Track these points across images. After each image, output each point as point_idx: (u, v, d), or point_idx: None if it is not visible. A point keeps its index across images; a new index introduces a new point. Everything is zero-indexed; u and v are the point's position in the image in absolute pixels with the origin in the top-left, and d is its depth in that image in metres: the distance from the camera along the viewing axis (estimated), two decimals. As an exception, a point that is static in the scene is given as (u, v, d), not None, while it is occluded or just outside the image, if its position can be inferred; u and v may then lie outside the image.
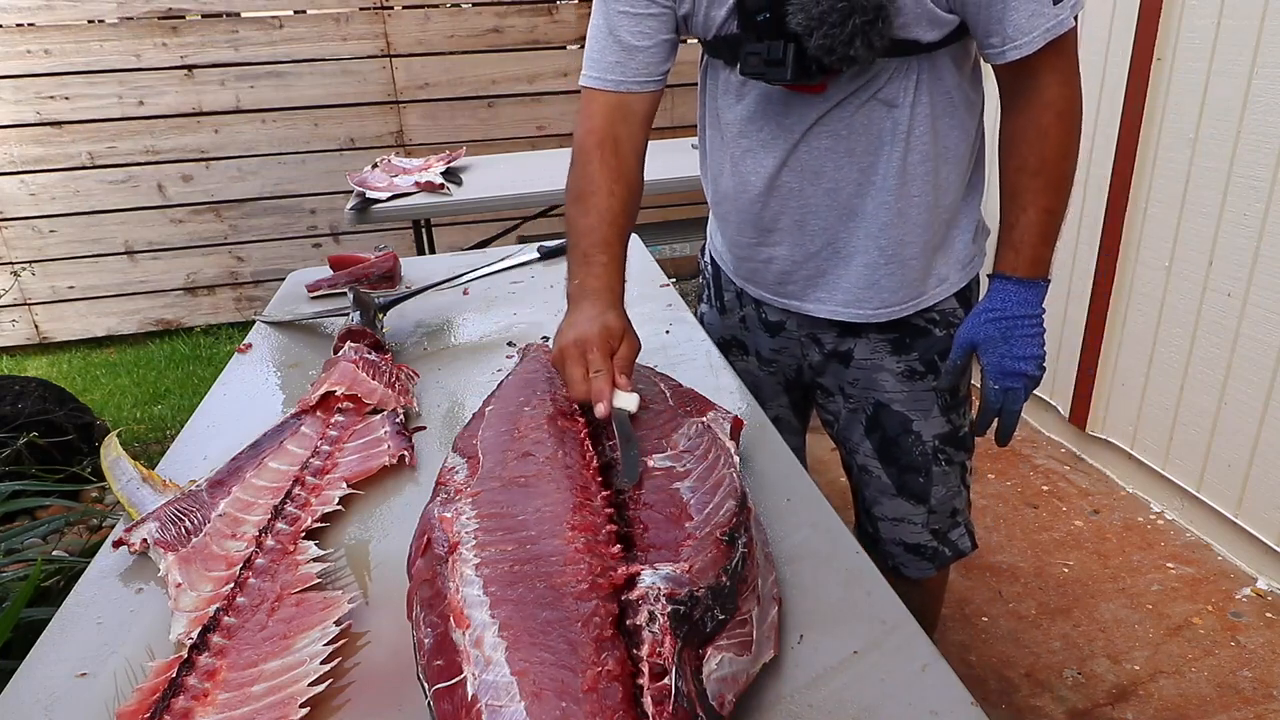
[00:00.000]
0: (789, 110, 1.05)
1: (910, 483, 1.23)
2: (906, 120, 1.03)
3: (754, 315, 1.29)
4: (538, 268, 1.65)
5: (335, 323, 1.37)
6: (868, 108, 1.02)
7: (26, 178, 3.62)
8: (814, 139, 1.06)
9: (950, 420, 1.21)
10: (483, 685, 0.54)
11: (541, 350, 1.13)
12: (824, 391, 1.27)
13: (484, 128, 3.95)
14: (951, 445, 1.22)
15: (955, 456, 1.23)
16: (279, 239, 3.93)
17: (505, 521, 0.70)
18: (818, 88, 1.01)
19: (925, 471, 1.22)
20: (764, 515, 0.85)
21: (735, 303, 1.31)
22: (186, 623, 0.69)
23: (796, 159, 1.08)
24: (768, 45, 0.96)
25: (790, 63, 0.94)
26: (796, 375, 1.30)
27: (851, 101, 1.02)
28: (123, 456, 0.96)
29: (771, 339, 1.28)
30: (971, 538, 1.31)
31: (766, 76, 0.98)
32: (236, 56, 3.64)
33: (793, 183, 1.10)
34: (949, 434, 1.22)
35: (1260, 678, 1.73)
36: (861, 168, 1.06)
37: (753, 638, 0.62)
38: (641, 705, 0.52)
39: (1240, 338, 1.96)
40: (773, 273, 1.20)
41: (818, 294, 1.18)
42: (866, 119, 1.03)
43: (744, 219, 1.17)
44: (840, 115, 1.03)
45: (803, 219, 1.12)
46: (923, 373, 1.18)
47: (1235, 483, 2.03)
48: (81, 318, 3.87)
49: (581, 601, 0.59)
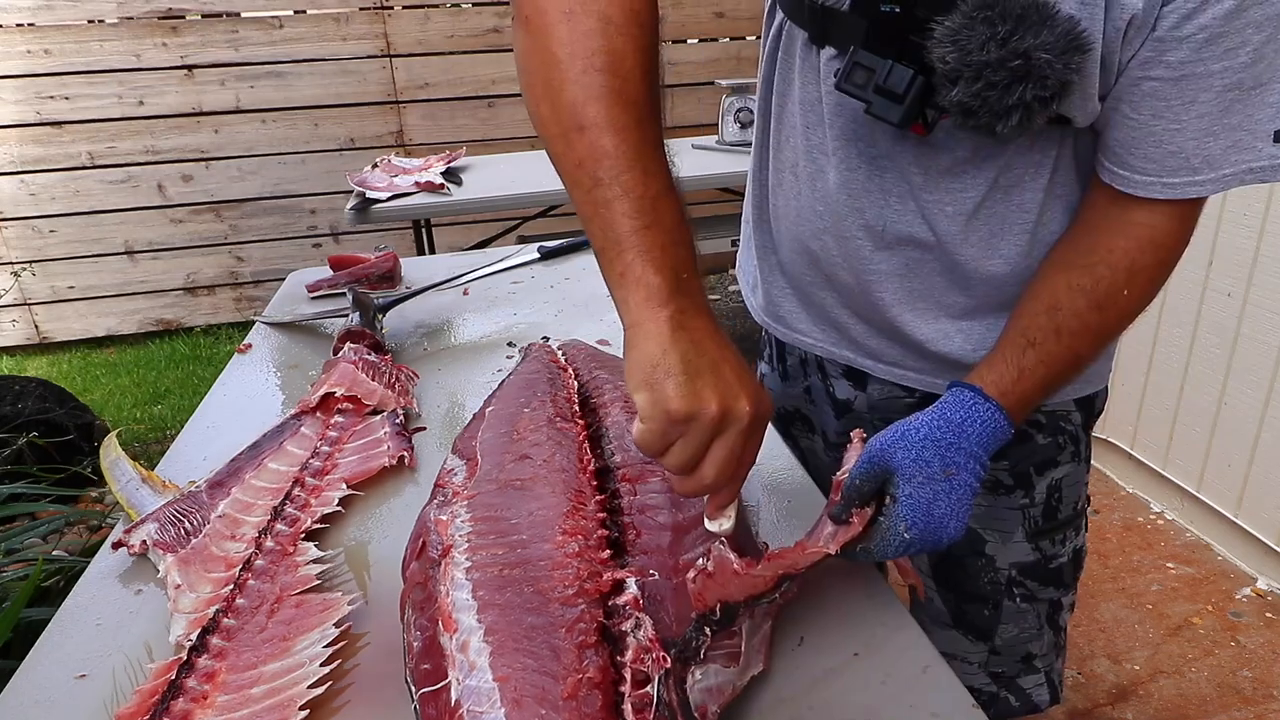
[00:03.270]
0: (875, 139, 0.78)
1: (972, 615, 0.97)
2: (1034, 206, 0.77)
3: (820, 387, 1.01)
4: (538, 268, 1.65)
5: (335, 323, 1.37)
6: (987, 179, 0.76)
7: (26, 178, 3.62)
8: (897, 190, 0.79)
9: (1039, 548, 0.94)
10: (465, 690, 0.54)
11: (543, 350, 1.13)
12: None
13: (484, 128, 3.95)
14: (1035, 578, 0.95)
15: (1039, 592, 0.96)
16: (279, 239, 3.93)
17: (499, 525, 0.70)
18: (919, 129, 0.73)
19: (993, 604, 0.96)
20: (764, 517, 0.85)
21: (799, 369, 1.04)
22: (186, 624, 0.69)
23: (865, 209, 0.82)
24: (891, 67, 0.67)
25: (909, 103, 0.68)
26: None
27: (961, 160, 0.76)
28: (122, 457, 0.96)
29: (838, 420, 1.01)
30: (1053, 690, 1.02)
31: (869, 107, 0.70)
32: (236, 56, 3.64)
33: (864, 242, 0.83)
34: (1034, 565, 0.94)
35: (1260, 678, 1.73)
36: (950, 254, 0.81)
37: (741, 650, 0.62)
38: (622, 713, 0.52)
39: (1240, 338, 1.96)
40: (825, 318, 0.94)
41: (890, 351, 0.91)
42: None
43: (799, 249, 0.90)
44: (940, 171, 0.77)
45: (869, 285, 0.86)
46: (1010, 487, 0.91)
47: (1235, 483, 2.03)
48: (81, 318, 3.86)
49: (567, 607, 0.59)
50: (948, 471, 0.67)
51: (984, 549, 0.94)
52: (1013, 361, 0.72)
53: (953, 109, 0.66)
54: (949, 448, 0.67)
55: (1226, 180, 0.67)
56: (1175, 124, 0.66)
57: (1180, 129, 0.66)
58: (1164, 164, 0.68)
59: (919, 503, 0.65)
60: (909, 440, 0.68)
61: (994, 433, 0.69)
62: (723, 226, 2.91)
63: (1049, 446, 0.90)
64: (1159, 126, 0.66)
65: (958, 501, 0.67)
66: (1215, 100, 0.64)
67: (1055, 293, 0.74)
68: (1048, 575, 0.95)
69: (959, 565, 0.96)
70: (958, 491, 0.67)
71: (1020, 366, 0.72)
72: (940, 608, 0.98)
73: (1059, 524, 0.94)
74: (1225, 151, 0.66)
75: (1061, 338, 0.73)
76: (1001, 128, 0.65)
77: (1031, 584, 0.95)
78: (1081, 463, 0.94)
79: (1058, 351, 0.73)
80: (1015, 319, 0.75)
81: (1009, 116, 0.64)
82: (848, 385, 0.97)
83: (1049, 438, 0.90)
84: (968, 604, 0.97)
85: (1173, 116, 0.65)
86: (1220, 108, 0.64)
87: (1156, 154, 0.67)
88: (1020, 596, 0.95)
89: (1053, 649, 1.00)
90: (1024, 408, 0.72)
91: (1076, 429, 0.92)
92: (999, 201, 0.77)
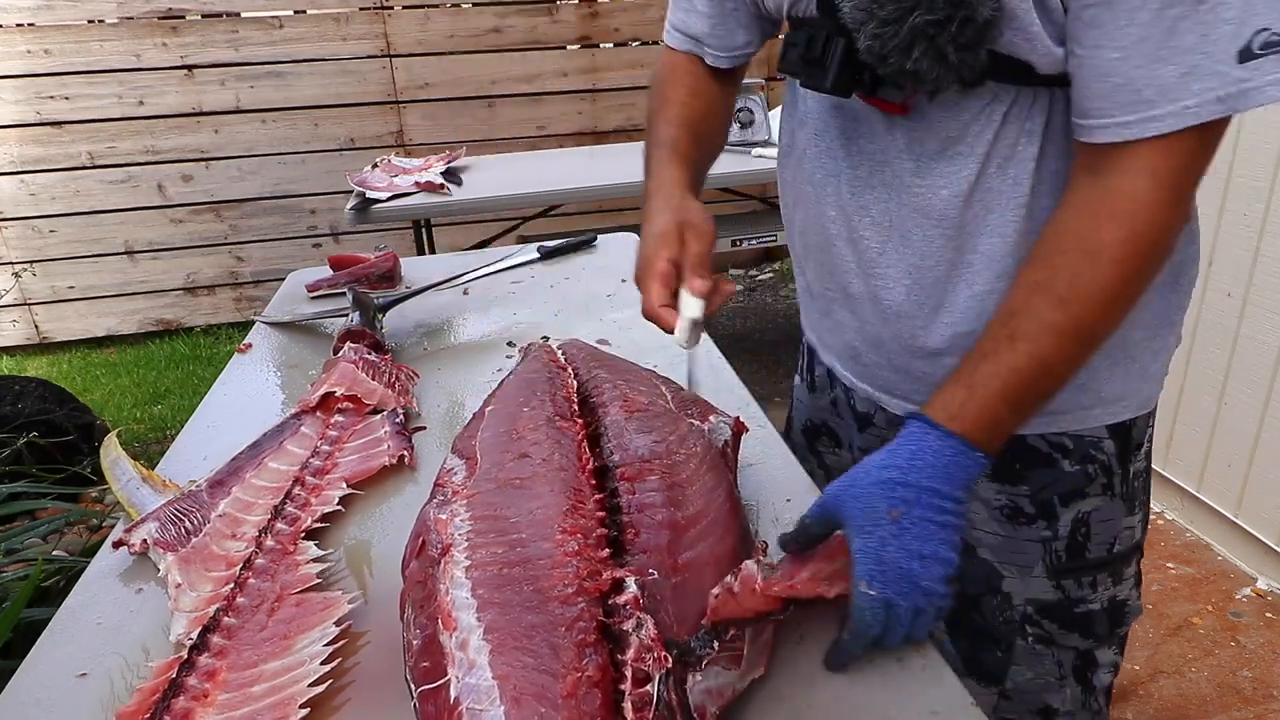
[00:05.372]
0: (873, 134, 0.79)
1: (984, 659, 0.89)
2: (1027, 179, 0.72)
3: (844, 399, 0.98)
4: (538, 268, 1.65)
5: (335, 323, 1.37)
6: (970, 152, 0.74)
7: (26, 178, 3.62)
8: (896, 181, 0.78)
9: (1061, 587, 0.85)
10: (465, 688, 0.54)
11: (542, 350, 1.13)
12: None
13: (484, 128, 3.95)
14: (1055, 620, 0.86)
15: (1061, 637, 0.87)
16: (279, 239, 3.93)
17: (498, 524, 0.70)
18: (895, 107, 0.74)
19: (1006, 645, 0.88)
20: (764, 517, 0.85)
21: (826, 380, 1.01)
22: (186, 623, 0.69)
23: (870, 206, 0.81)
24: (809, 36, 0.72)
25: (834, 65, 0.69)
26: None
27: (950, 140, 0.74)
28: (123, 457, 0.96)
29: (860, 433, 0.97)
30: None
31: (805, 79, 0.76)
32: (236, 56, 3.64)
33: (871, 239, 0.82)
34: (1054, 605, 0.86)
35: (1260, 678, 1.73)
36: (953, 240, 0.77)
37: (743, 653, 0.62)
38: (621, 711, 0.52)
39: (1240, 338, 1.96)
40: (842, 343, 0.92)
41: (899, 384, 0.88)
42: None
43: (819, 261, 0.90)
44: (930, 155, 0.75)
45: (877, 290, 0.84)
46: (1032, 515, 0.84)
47: (1235, 483, 2.03)
48: (81, 318, 3.86)
49: (566, 605, 0.59)
50: (893, 513, 0.63)
51: (1001, 585, 0.86)
52: (962, 380, 0.68)
53: (869, 59, 0.67)
54: (895, 486, 0.64)
55: (1190, 113, 0.60)
56: (1116, 51, 0.61)
57: (1123, 56, 0.60)
58: (1113, 99, 0.62)
59: (868, 552, 0.62)
60: (856, 487, 0.66)
61: (952, 462, 0.65)
62: (723, 226, 2.88)
63: (1076, 475, 0.83)
64: (1101, 57, 0.62)
65: (914, 541, 0.62)
66: (1154, 19, 0.59)
67: (1013, 297, 0.69)
68: (1071, 620, 0.86)
69: (974, 605, 0.88)
70: (911, 531, 0.63)
71: (970, 384, 0.67)
72: (950, 652, 0.90)
73: (1087, 564, 0.85)
74: (1181, 79, 0.59)
75: (1017, 343, 0.66)
76: (911, 63, 0.64)
77: (1049, 625, 0.86)
78: (1117, 499, 0.84)
79: (1015, 360, 0.66)
80: (979, 338, 0.70)
81: (912, 49, 0.64)
82: (866, 400, 0.95)
83: (1076, 465, 0.83)
84: (982, 649, 0.89)
85: (1110, 43, 0.61)
86: (1164, 28, 0.59)
87: (1103, 88, 0.62)
88: (1035, 637, 0.87)
89: (1082, 709, 0.90)
90: (988, 428, 0.66)
91: (1110, 460, 0.83)
92: (993, 178, 0.73)
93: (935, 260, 0.79)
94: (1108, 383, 0.80)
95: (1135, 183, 0.63)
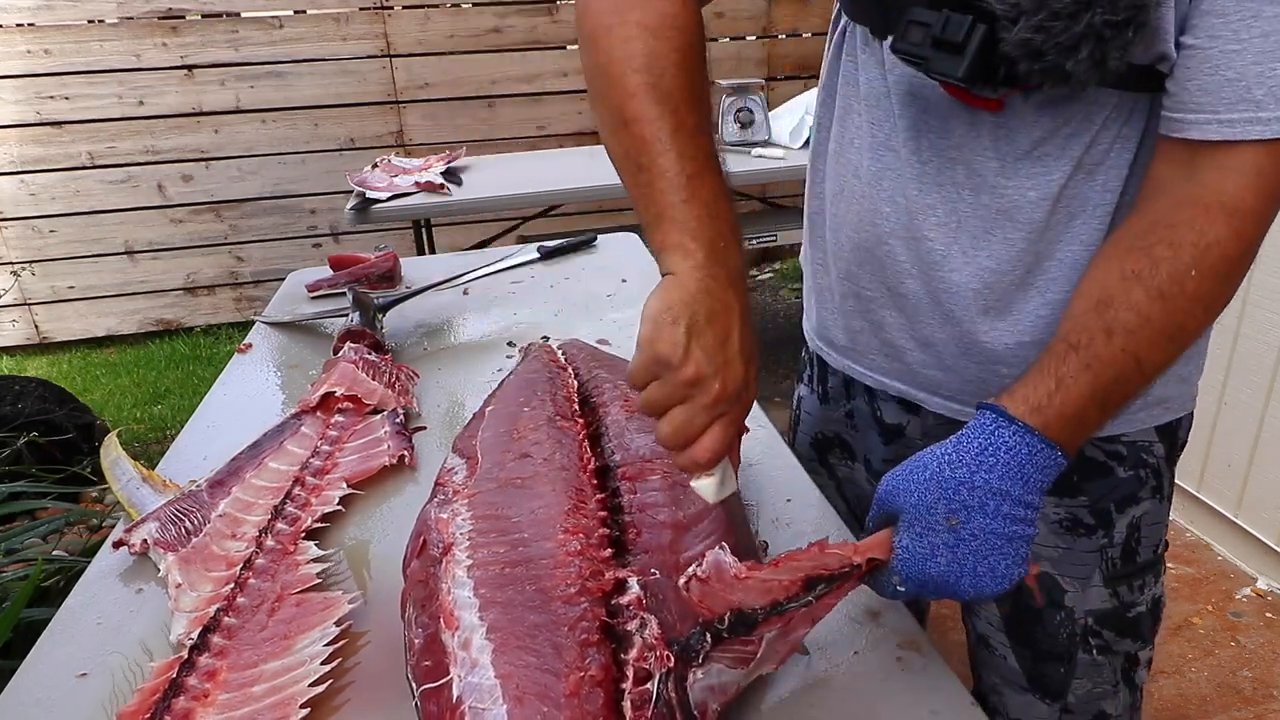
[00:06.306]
0: (948, 129, 0.72)
1: (1048, 673, 0.87)
2: (1117, 186, 0.69)
3: (865, 410, 0.94)
4: (538, 268, 1.65)
5: (335, 323, 1.37)
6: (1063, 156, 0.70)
7: (26, 178, 3.61)
8: (974, 181, 0.73)
9: (1116, 594, 0.84)
10: (468, 687, 0.54)
11: (542, 350, 1.13)
12: None
13: (484, 128, 3.95)
14: (1112, 628, 0.85)
15: (1116, 644, 0.86)
16: (279, 239, 3.93)
17: (500, 523, 0.70)
18: (992, 104, 0.69)
19: (1068, 659, 0.86)
20: (764, 517, 0.85)
21: (841, 391, 0.96)
22: (186, 623, 0.69)
23: (937, 205, 0.75)
24: (948, 16, 0.61)
25: (972, 52, 0.60)
26: None
27: (1040, 140, 0.70)
28: (123, 456, 0.96)
29: (886, 446, 0.93)
30: None
31: (929, 65, 0.63)
32: (236, 56, 3.64)
33: (936, 240, 0.76)
34: (1111, 613, 0.84)
35: (1260, 678, 1.73)
36: (1034, 245, 0.73)
37: (754, 655, 0.59)
38: (622, 710, 0.52)
39: (1240, 338, 1.96)
40: (879, 341, 0.86)
41: (950, 383, 0.83)
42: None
43: (862, 259, 0.83)
44: (1018, 155, 0.71)
45: (939, 291, 0.78)
46: (1091, 526, 0.82)
47: (1235, 483, 2.03)
48: (81, 318, 3.86)
49: (569, 605, 0.59)
50: (951, 520, 0.57)
51: (1063, 600, 0.84)
52: (1049, 370, 0.60)
53: (1019, 53, 0.59)
54: (959, 488, 0.57)
55: None
56: (1234, 44, 0.57)
57: (1240, 49, 0.57)
58: (1220, 95, 0.58)
59: (914, 557, 0.58)
60: (914, 480, 0.59)
61: (1029, 461, 0.58)
62: (723, 226, 2.90)
63: (1130, 480, 0.81)
64: (1215, 49, 0.58)
65: (968, 555, 0.57)
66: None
67: (1106, 285, 0.62)
68: (1125, 625, 0.85)
69: (1037, 619, 0.85)
70: (968, 544, 0.57)
71: (1059, 375, 0.60)
72: (1014, 667, 0.87)
73: (1138, 568, 0.84)
74: None
75: (1114, 338, 0.60)
76: (1072, 64, 0.58)
77: (1108, 634, 0.85)
78: (1163, 500, 0.85)
79: (1109, 354, 0.60)
80: (1060, 322, 0.64)
81: (1078, 49, 0.57)
82: (898, 409, 0.90)
83: (1130, 470, 0.80)
84: (1044, 663, 0.86)
85: (1231, 35, 0.57)
86: None
87: (1212, 83, 0.58)
88: (1096, 648, 0.85)
89: (1128, 711, 0.89)
90: (1073, 426, 0.60)
91: (1159, 462, 0.82)
92: (1082, 183, 0.70)
93: (1012, 265, 0.74)
94: (1160, 384, 0.73)
95: (1240, 181, 0.60)
